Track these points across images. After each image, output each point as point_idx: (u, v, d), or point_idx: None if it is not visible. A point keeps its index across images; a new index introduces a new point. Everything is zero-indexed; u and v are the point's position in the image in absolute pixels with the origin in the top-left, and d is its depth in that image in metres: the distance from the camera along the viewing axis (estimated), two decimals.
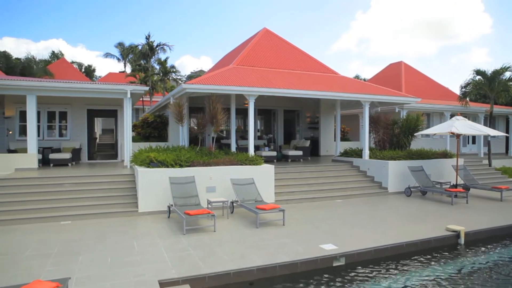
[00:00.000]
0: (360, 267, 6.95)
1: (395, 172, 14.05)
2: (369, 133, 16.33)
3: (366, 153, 15.33)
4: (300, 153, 17.33)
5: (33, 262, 6.50)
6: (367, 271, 6.84)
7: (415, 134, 15.87)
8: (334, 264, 6.93)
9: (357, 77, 52.42)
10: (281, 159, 17.41)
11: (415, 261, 7.38)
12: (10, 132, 15.97)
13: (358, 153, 16.10)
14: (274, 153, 16.72)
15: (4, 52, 32.94)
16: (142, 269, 6.16)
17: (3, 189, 10.38)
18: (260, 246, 7.46)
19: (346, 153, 16.88)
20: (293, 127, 22.41)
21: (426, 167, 14.26)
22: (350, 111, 23.20)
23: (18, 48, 75.94)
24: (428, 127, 20.43)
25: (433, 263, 7.35)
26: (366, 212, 10.81)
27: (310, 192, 12.85)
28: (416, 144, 16.98)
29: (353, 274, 6.70)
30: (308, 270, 6.66)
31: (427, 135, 19.93)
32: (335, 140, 19.21)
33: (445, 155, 15.88)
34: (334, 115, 20.71)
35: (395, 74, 27.38)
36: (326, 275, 6.58)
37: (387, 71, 29.16)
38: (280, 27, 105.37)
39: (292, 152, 17.23)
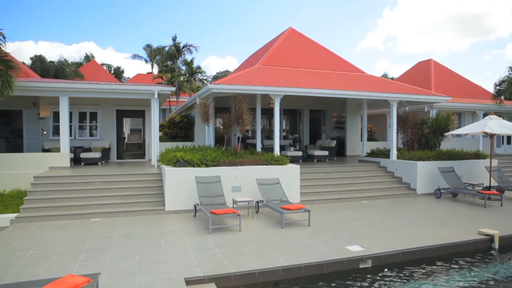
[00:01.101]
0: (387, 270, 6.81)
1: (424, 173, 13.69)
2: (397, 133, 15.97)
3: (394, 153, 15.01)
4: (326, 153, 17.17)
5: (65, 257, 6.75)
6: (394, 274, 6.70)
7: (445, 134, 15.40)
8: (361, 266, 6.83)
9: (384, 75, 51.44)
10: (306, 159, 17.30)
11: (445, 266, 7.16)
12: (45, 132, 16.61)
13: (385, 153, 15.80)
14: (299, 153, 16.63)
15: (40, 56, 34.38)
16: (168, 266, 6.27)
17: (39, 186, 10.83)
18: (285, 246, 7.44)
19: (373, 153, 16.59)
20: (319, 127, 22.22)
21: (457, 168, 13.81)
22: (377, 110, 22.80)
23: (52, 51, 79.09)
24: (459, 126, 19.83)
25: (464, 268, 7.11)
26: (394, 214, 10.58)
27: (336, 193, 12.71)
28: (446, 145, 16.48)
29: (380, 276, 6.58)
30: (334, 271, 6.59)
31: (458, 135, 19.32)
32: (361, 140, 18.91)
33: (477, 155, 15.32)
34: (361, 115, 20.40)
35: (424, 72, 26.66)
36: (352, 277, 6.49)
37: (416, 69, 28.42)
38: (306, 26, 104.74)
39: (317, 152, 17.08)
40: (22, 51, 70.86)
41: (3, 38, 10.91)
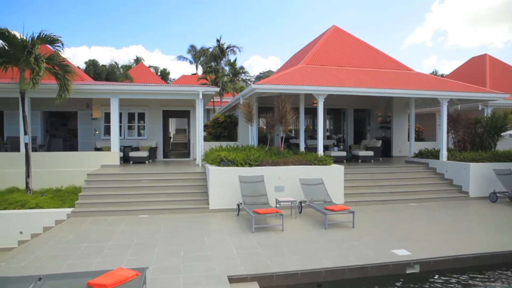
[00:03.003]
0: (436, 277, 6.52)
1: (477, 175, 12.92)
2: (447, 133, 15.21)
3: (444, 154, 14.31)
4: (371, 153, 16.73)
5: (115, 251, 7.09)
6: (444, 281, 6.39)
7: (502, 134, 14.43)
8: (407, 271, 6.58)
9: (434, 73, 49.22)
10: (350, 159, 16.94)
11: (502, 275, 6.71)
12: (97, 132, 17.52)
13: (434, 154, 15.10)
14: (343, 153, 16.33)
15: (93, 60, 36.29)
16: (212, 264, 6.39)
17: (92, 183, 11.48)
18: (328, 247, 7.33)
19: (421, 154, 15.93)
20: (364, 127, 21.67)
21: None
22: (426, 109, 21.83)
23: (104, 55, 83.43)
24: None
25: None
26: (443, 218, 10.08)
27: (381, 194, 12.33)
28: (503, 145, 15.43)
29: (428, 283, 6.31)
30: (379, 275, 6.41)
31: None
32: (408, 140, 18.21)
33: None
34: (408, 114, 19.64)
35: (478, 68, 25.13)
36: (398, 282, 6.27)
37: (469, 65, 26.86)
38: (350, 23, 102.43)
39: (362, 153, 16.68)
40: (77, 56, 75.26)
41: (62, 45, 11.62)
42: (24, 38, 10.95)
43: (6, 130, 16.56)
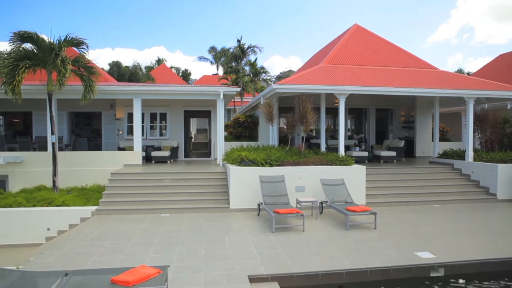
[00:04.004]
0: (461, 281, 6.34)
1: (506, 176, 12.48)
2: (474, 132, 14.77)
3: (470, 154, 13.90)
4: (393, 153, 16.43)
5: (138, 248, 7.22)
6: (470, 285, 6.20)
7: None
8: (432, 275, 6.42)
9: (459, 71, 47.87)
10: (372, 159, 16.68)
11: None
12: (120, 132, 17.88)
13: (460, 155, 14.69)
14: (365, 154, 16.10)
15: (117, 61, 37.03)
16: (232, 263, 6.42)
17: (115, 182, 11.74)
18: (349, 249, 7.25)
19: (445, 155, 15.54)
20: (386, 127, 21.31)
21: None
22: (451, 108, 21.29)
23: (126, 57, 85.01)
24: None
25: None
26: (470, 220, 9.80)
27: (404, 196, 12.09)
28: None
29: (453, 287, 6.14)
30: (402, 278, 6.28)
31: None
32: (432, 140, 17.80)
33: None
34: (432, 113, 19.18)
35: (507, 66, 24.31)
36: (422, 286, 6.14)
37: (497, 63, 26.00)
38: (372, 21, 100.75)
39: (384, 153, 16.41)
40: (101, 57, 77.14)
41: (87, 47, 11.95)
42: (52, 41, 11.31)
43: (34, 130, 17.12)
